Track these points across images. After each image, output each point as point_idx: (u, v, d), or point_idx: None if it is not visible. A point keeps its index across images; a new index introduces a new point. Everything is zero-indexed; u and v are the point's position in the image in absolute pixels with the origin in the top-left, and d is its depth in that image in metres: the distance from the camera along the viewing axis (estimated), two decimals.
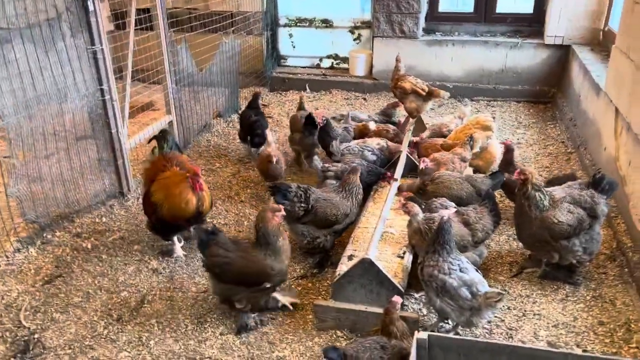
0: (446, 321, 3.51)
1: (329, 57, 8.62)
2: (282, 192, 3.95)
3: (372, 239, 3.59)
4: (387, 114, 5.84)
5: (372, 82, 8.08)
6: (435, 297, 3.32)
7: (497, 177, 4.42)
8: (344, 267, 3.60)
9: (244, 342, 3.48)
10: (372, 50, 8.06)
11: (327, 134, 5.27)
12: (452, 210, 3.82)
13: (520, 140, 6.42)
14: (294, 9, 8.55)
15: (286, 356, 3.37)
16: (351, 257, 3.74)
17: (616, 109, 4.86)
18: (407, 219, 3.86)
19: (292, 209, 3.92)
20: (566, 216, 3.66)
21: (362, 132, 5.69)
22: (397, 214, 4.10)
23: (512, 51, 7.55)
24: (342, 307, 3.49)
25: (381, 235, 3.92)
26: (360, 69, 8.17)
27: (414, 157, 5.09)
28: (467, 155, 4.89)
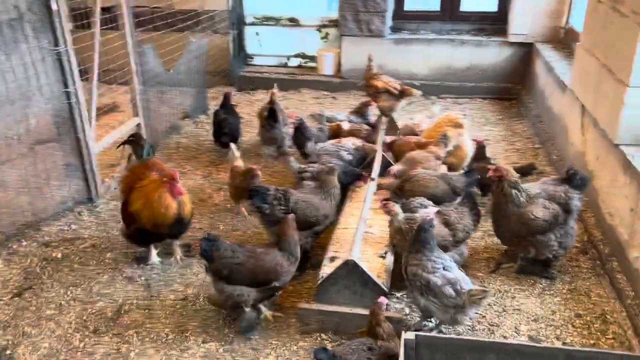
0: (429, 320, 3.53)
1: (296, 56, 8.57)
2: (260, 195, 3.90)
3: (355, 239, 3.58)
4: (362, 113, 5.85)
5: (341, 81, 8.07)
6: (419, 296, 3.34)
7: (471, 175, 4.48)
8: (327, 269, 3.58)
9: (228, 350, 3.41)
10: (340, 49, 8.05)
11: (302, 135, 5.23)
12: (434, 209, 3.85)
13: (488, 136, 6.53)
14: (260, 7, 8.46)
15: None
16: (333, 259, 3.72)
17: (582, 106, 5.00)
18: (387, 219, 3.88)
19: (271, 212, 3.87)
20: (542, 212, 3.74)
21: (335, 133, 5.67)
22: (377, 213, 4.10)
23: (477, 49, 7.68)
24: (326, 309, 3.46)
25: (362, 235, 3.91)
26: (328, 68, 8.15)
27: (389, 156, 5.11)
28: (442, 153, 4.94)
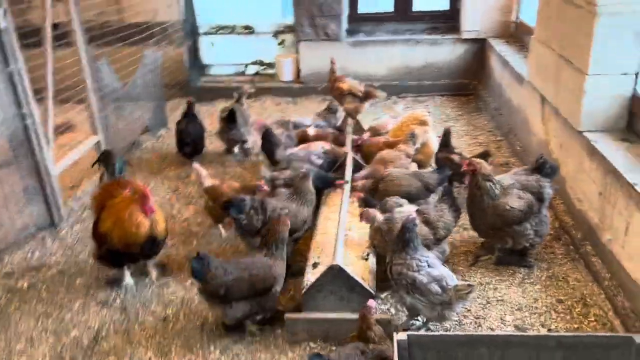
0: (416, 318, 3.53)
1: (254, 63, 8.49)
2: (236, 206, 3.81)
3: (336, 244, 3.54)
4: (329, 116, 5.86)
5: (301, 86, 8.05)
6: (405, 295, 3.33)
7: (443, 171, 4.52)
8: (311, 276, 3.53)
9: None
10: (298, 54, 8.02)
11: (269, 142, 5.17)
12: (413, 207, 3.85)
13: (452, 132, 6.62)
14: (214, 16, 8.33)
15: None
16: (316, 265, 3.67)
17: (542, 96, 5.14)
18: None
19: (249, 222, 3.79)
20: (517, 202, 3.80)
21: (302, 138, 5.62)
22: (354, 216, 4.08)
23: (433, 47, 7.79)
24: (313, 317, 3.41)
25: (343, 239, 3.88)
26: (287, 74, 8.11)
27: (359, 157, 5.11)
28: (411, 151, 4.98)
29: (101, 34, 6.61)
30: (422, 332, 3.40)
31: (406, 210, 3.86)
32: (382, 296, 3.78)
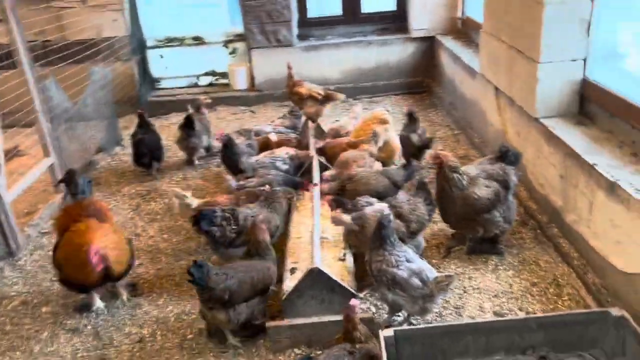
0: (397, 314, 3.54)
1: (206, 74, 8.37)
2: (207, 218, 3.72)
3: (313, 247, 3.51)
4: (295, 117, 5.88)
5: (256, 94, 7.99)
6: (387, 292, 3.33)
7: (409, 167, 4.57)
8: (289, 282, 3.48)
9: None
10: (251, 62, 7.97)
11: (231, 152, 5.09)
12: (384, 205, 3.87)
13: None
14: (160, 29, 8.18)
15: None
16: (293, 270, 3.63)
17: (496, 88, 5.28)
18: None
19: (222, 234, 3.71)
20: (485, 191, 3.88)
21: (264, 145, 5.57)
22: (326, 218, 4.06)
23: (384, 48, 7.90)
24: (296, 323, 3.36)
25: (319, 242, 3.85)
26: (241, 83, 8.04)
27: (323, 160, 5.10)
28: (374, 150, 5.01)
29: (44, 54, 6.38)
30: (406, 326, 3.41)
31: (377, 207, 3.88)
32: (361, 295, 3.78)
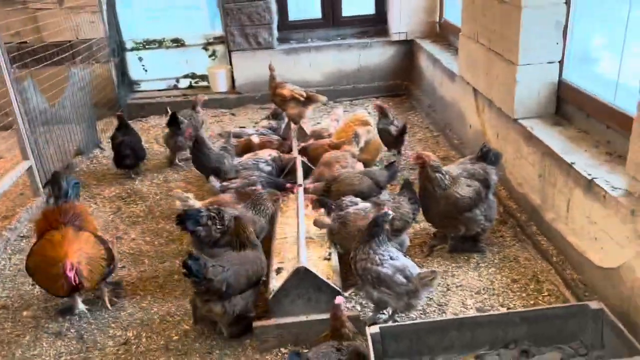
0: (382, 312, 3.58)
1: (185, 76, 8.32)
2: (192, 218, 3.71)
3: (299, 246, 3.53)
4: (279, 119, 5.90)
5: (237, 97, 7.99)
6: (372, 290, 3.37)
7: (392, 167, 4.64)
8: (275, 282, 3.50)
9: None
10: (231, 64, 7.96)
11: (199, 151, 5.06)
12: (368, 204, 3.92)
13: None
14: (139, 31, 8.12)
15: None
16: (279, 270, 3.65)
17: (474, 90, 5.39)
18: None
19: (208, 234, 3.71)
20: (466, 190, 3.96)
21: (246, 148, 5.58)
22: (311, 218, 4.09)
23: (364, 51, 7.97)
24: (283, 322, 3.38)
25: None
26: (221, 85, 8.02)
27: (306, 161, 5.14)
28: (356, 151, 5.06)
29: (19, 56, 6.30)
30: (391, 323, 3.45)
31: (361, 206, 3.94)
32: (346, 294, 3.81)
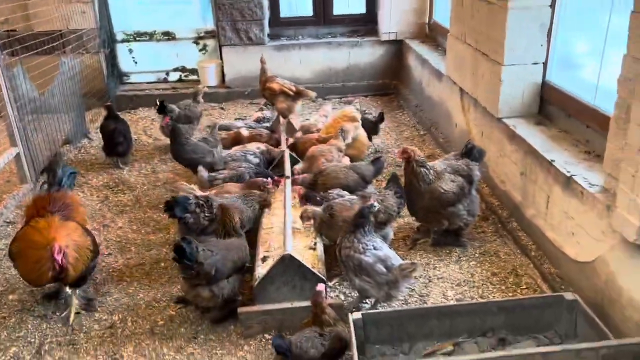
0: (365, 302, 3.66)
1: (175, 70, 8.35)
2: (181, 205, 3.76)
3: (285, 235, 3.60)
4: (270, 111, 6.01)
5: (226, 91, 8.03)
6: (354, 277, 3.45)
7: (378, 162, 4.72)
8: (261, 270, 3.56)
9: None
10: (221, 59, 8.00)
11: (176, 143, 5.09)
12: (354, 197, 4.00)
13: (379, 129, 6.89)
14: (130, 23, 8.12)
15: None
16: (265, 259, 3.71)
17: (461, 89, 5.50)
18: None
19: (196, 221, 3.76)
20: (450, 185, 4.05)
21: (235, 140, 5.63)
22: (297, 210, 4.16)
23: (354, 50, 8.07)
24: (267, 308, 3.44)
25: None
26: (211, 79, 8.05)
27: (294, 155, 5.21)
28: (342, 145, 5.14)
29: (8, 43, 6.29)
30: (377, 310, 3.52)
31: (347, 198, 4.02)
32: (330, 284, 3.88)
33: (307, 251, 3.80)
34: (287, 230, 3.66)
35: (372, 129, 5.91)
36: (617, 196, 2.96)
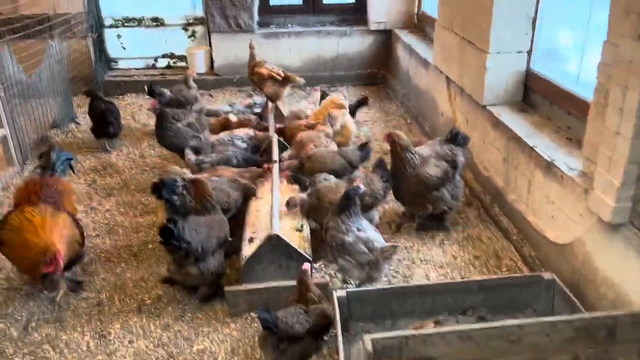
0: (349, 283, 3.73)
1: (164, 56, 8.33)
2: (168, 187, 3.80)
3: (272, 216, 3.65)
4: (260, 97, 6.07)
5: (215, 78, 8.04)
6: (337, 256, 3.52)
7: (365, 148, 4.78)
8: (248, 250, 3.62)
9: (159, 345, 3.31)
10: (210, 46, 8.00)
11: (160, 127, 5.12)
12: (341, 181, 4.06)
13: (366, 118, 6.96)
14: (119, 8, 8.09)
15: (207, 347, 3.29)
16: (252, 240, 3.76)
17: (447, 78, 5.57)
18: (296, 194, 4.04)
19: (182, 203, 3.80)
20: (434, 170, 4.14)
21: (224, 126, 5.66)
22: (285, 193, 4.21)
23: (343, 39, 8.10)
24: (254, 287, 3.50)
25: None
26: (200, 66, 8.05)
27: (282, 140, 5.25)
28: (330, 131, 5.20)
29: None
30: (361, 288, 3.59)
31: (334, 181, 4.08)
32: (316, 266, 3.95)
33: (294, 232, 3.86)
34: (274, 212, 3.71)
35: (356, 107, 6.02)
36: (595, 178, 3.05)
